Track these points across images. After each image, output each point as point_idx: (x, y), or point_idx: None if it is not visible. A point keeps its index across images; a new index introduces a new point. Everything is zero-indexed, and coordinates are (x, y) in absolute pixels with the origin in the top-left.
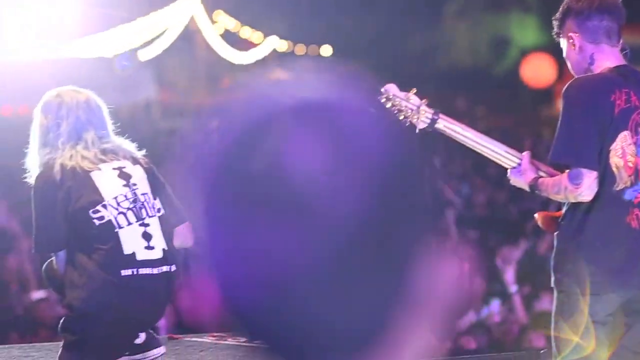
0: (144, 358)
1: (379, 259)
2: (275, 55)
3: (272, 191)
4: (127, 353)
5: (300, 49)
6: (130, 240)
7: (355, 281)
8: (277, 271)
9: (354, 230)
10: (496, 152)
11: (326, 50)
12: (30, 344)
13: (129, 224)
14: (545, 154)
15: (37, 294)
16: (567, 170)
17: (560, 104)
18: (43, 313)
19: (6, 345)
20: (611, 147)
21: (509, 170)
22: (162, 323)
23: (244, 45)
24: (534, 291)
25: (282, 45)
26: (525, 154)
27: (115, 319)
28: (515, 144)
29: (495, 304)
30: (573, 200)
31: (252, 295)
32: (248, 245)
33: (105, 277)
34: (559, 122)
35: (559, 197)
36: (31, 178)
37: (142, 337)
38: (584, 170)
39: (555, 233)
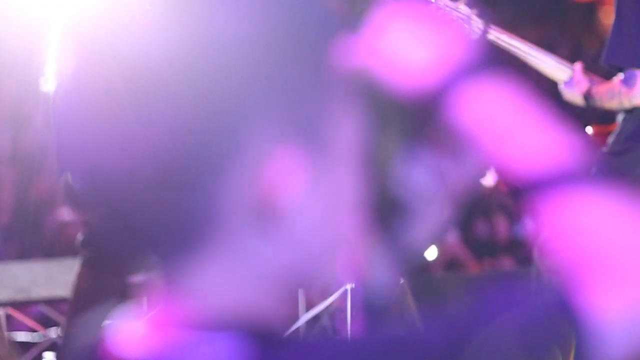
0: None
1: None
2: None
3: None
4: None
5: None
6: None
7: None
8: None
9: None
10: (548, 64)
11: None
12: (53, 260)
13: None
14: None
15: (64, 213)
16: (620, 74)
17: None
18: (67, 232)
19: (28, 261)
20: None
21: (561, 83)
22: None
23: None
24: None
25: None
26: (578, 65)
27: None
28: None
29: None
30: (628, 105)
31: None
32: None
33: None
34: (612, 23)
35: (613, 104)
36: None
37: None
38: (638, 72)
39: None
